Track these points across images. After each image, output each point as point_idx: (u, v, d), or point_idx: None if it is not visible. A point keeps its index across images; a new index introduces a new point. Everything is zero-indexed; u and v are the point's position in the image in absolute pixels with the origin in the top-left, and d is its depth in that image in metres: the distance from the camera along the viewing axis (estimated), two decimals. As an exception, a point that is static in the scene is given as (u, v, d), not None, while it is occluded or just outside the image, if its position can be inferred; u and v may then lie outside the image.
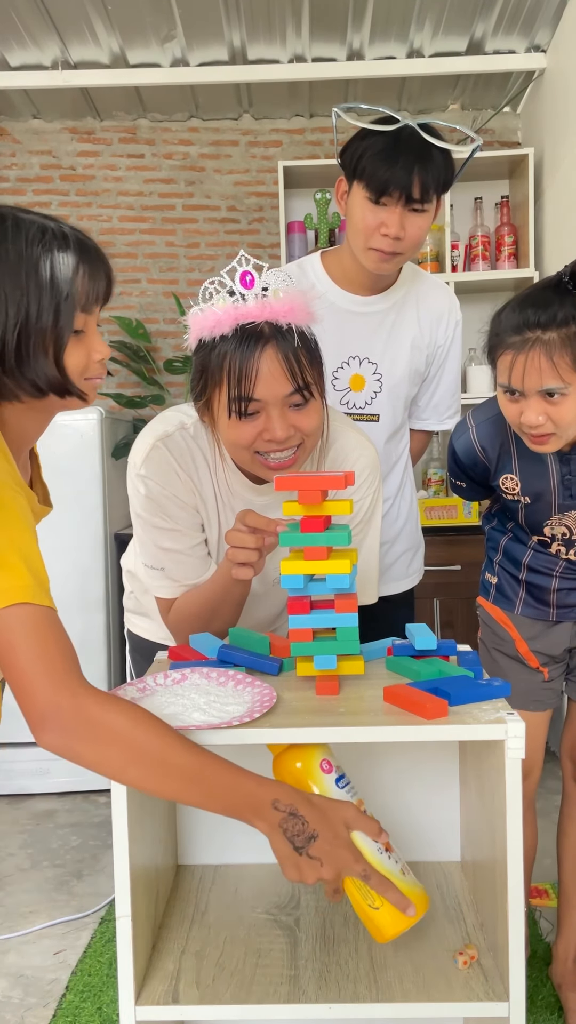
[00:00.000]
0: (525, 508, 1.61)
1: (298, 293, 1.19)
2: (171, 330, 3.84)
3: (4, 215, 1.00)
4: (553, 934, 2.12)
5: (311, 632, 1.08)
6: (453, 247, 3.47)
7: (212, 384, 1.22)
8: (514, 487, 1.59)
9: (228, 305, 1.18)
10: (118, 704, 0.91)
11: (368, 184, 1.58)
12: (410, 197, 1.58)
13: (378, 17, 3.10)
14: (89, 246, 1.04)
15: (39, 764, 3.06)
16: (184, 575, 1.36)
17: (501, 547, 1.76)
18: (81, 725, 0.89)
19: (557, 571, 1.67)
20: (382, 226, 1.61)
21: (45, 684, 0.89)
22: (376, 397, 1.82)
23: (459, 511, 3.23)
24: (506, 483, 1.60)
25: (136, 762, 0.90)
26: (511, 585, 1.74)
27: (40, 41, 3.21)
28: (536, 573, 1.70)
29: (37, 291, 0.98)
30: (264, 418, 1.20)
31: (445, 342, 1.86)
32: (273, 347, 1.17)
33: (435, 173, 1.58)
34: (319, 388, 1.23)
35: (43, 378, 1.00)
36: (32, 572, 0.92)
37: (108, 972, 2.07)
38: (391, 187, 1.56)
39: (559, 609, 1.71)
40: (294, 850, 0.93)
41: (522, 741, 0.96)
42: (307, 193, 3.62)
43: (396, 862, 1.01)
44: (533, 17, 3.14)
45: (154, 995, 1.02)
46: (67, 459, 3.06)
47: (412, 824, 1.30)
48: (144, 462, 1.32)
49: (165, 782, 0.91)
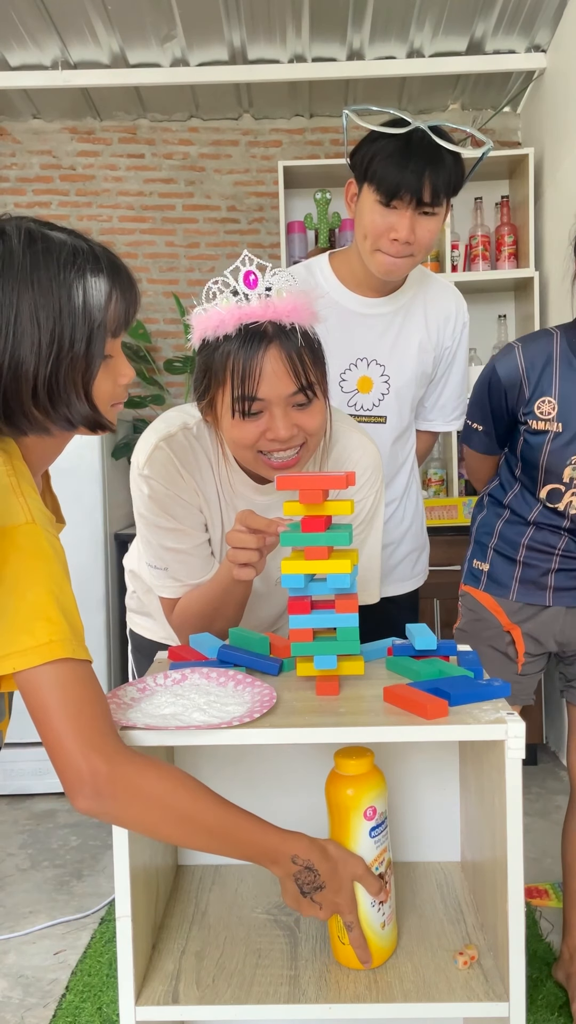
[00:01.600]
0: (552, 442, 1.60)
1: (301, 293, 1.20)
2: (171, 330, 3.84)
3: (33, 235, 0.94)
4: (553, 934, 2.12)
5: (311, 632, 1.08)
6: (453, 247, 3.47)
7: (215, 384, 1.22)
8: (550, 411, 1.59)
9: (232, 305, 1.18)
10: (154, 768, 0.92)
11: (379, 187, 1.58)
12: (420, 200, 1.57)
13: (378, 17, 3.10)
14: (120, 268, 1.00)
15: (39, 764, 3.06)
16: (187, 575, 1.36)
17: (496, 531, 1.75)
18: (119, 791, 0.89)
19: (559, 549, 1.66)
20: (392, 230, 1.60)
21: (80, 748, 0.88)
22: (384, 399, 1.82)
23: (459, 511, 3.23)
24: (541, 407, 1.60)
25: (170, 822, 0.93)
26: (506, 570, 1.73)
27: (40, 41, 3.21)
28: (536, 553, 1.68)
29: (71, 319, 0.93)
30: (267, 417, 1.21)
31: (452, 344, 1.86)
32: (276, 347, 1.17)
33: (445, 176, 1.58)
34: (322, 388, 1.24)
35: (76, 413, 0.97)
36: (70, 624, 0.91)
37: (108, 972, 2.07)
38: (402, 190, 1.56)
39: (556, 592, 1.69)
40: (301, 894, 0.99)
41: (522, 741, 0.96)
42: (307, 193, 3.62)
43: (383, 914, 1.06)
44: (533, 17, 3.14)
45: (154, 995, 1.02)
46: (67, 459, 3.01)
47: (412, 824, 1.30)
48: (147, 462, 1.32)
49: (195, 838, 0.96)
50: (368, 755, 1.06)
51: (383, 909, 1.06)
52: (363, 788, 1.05)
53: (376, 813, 1.05)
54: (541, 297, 3.39)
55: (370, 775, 1.06)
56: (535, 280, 3.36)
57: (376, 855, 1.05)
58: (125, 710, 1.03)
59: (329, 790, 1.07)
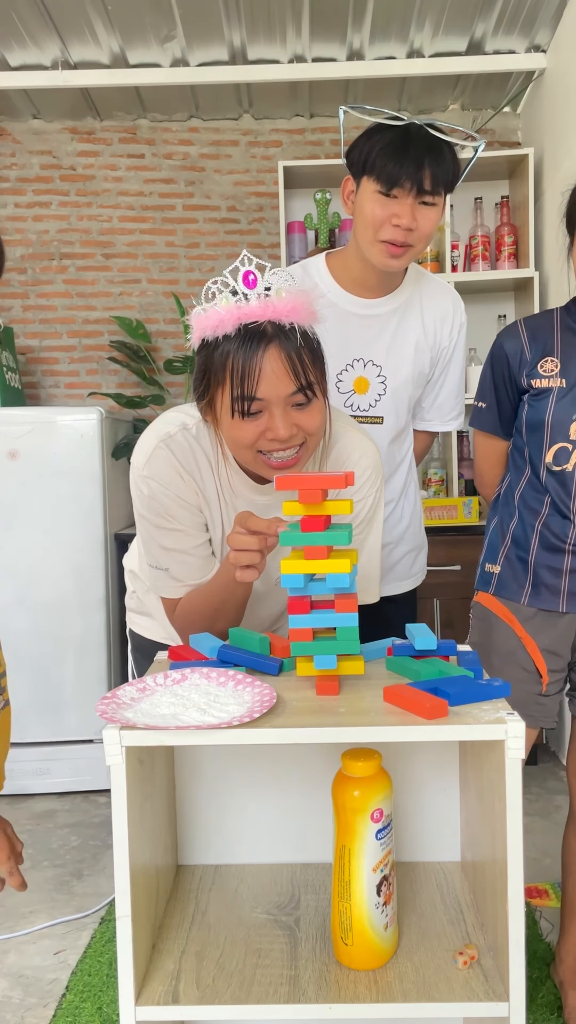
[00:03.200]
0: (556, 402, 1.63)
1: (301, 293, 1.19)
2: (171, 330, 3.84)
3: None
4: (553, 934, 2.12)
5: (311, 632, 1.08)
6: (453, 247, 3.47)
7: (215, 383, 1.22)
8: (553, 368, 1.64)
9: (231, 305, 1.18)
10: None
11: (379, 177, 1.59)
12: (421, 188, 1.59)
13: (378, 17, 3.10)
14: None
15: (39, 764, 3.06)
16: (188, 575, 1.36)
17: (509, 531, 1.73)
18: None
19: (570, 543, 1.64)
20: (393, 217, 1.61)
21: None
22: (380, 400, 1.82)
23: (459, 511, 3.23)
24: (544, 366, 1.65)
25: None
26: (518, 572, 1.70)
27: (40, 41, 3.21)
28: (548, 552, 1.66)
29: None
30: (267, 417, 1.21)
31: (450, 344, 1.86)
32: (276, 346, 1.17)
33: (444, 166, 1.60)
34: (321, 388, 1.24)
35: None
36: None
37: (108, 972, 2.07)
38: (403, 178, 1.58)
39: (570, 597, 1.66)
40: None
41: (522, 741, 0.96)
42: (307, 193, 3.62)
43: (386, 915, 1.06)
44: (533, 17, 3.14)
45: (154, 995, 1.02)
46: (67, 459, 3.06)
47: (412, 824, 1.30)
48: (147, 463, 1.32)
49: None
50: (376, 757, 1.06)
51: (386, 911, 1.06)
52: (370, 790, 1.05)
53: (383, 815, 1.05)
54: (541, 297, 3.39)
55: (377, 777, 1.06)
56: (535, 280, 3.36)
57: (381, 857, 1.05)
58: (125, 710, 1.03)
59: (336, 791, 1.07)
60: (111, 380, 3.85)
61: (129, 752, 0.98)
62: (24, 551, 3.08)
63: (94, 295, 3.83)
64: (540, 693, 1.70)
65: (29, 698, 3.02)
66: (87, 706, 3.06)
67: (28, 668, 3.03)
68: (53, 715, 3.06)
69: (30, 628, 3.06)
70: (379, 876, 1.05)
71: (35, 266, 3.81)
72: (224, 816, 1.30)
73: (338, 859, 1.07)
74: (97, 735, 3.07)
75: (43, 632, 3.07)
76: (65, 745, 3.09)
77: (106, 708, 1.01)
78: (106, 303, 3.83)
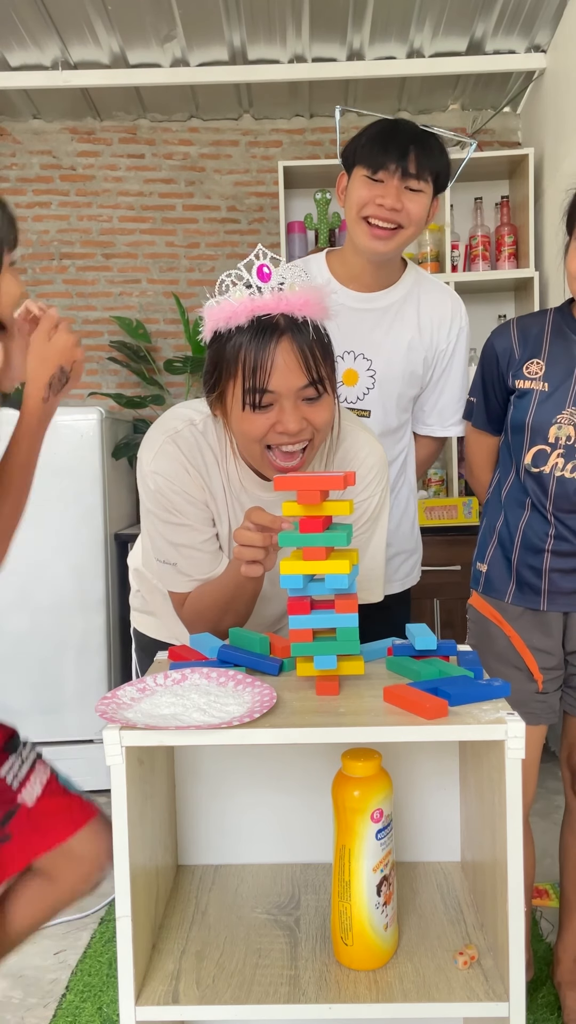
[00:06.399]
0: (538, 404, 1.64)
1: (313, 288, 1.20)
2: (171, 330, 3.84)
3: None
4: (553, 935, 2.12)
5: (311, 632, 1.08)
6: (453, 247, 3.47)
7: (226, 376, 1.22)
8: (537, 371, 1.66)
9: (244, 297, 1.18)
10: None
11: (366, 163, 1.66)
12: (406, 172, 1.64)
13: (378, 17, 3.10)
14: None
15: (39, 764, 3.06)
16: (196, 570, 1.37)
17: (496, 530, 1.75)
18: None
19: (548, 544, 1.65)
20: (378, 197, 1.66)
21: None
22: (368, 393, 1.82)
23: (459, 511, 3.23)
24: (530, 368, 1.66)
25: None
26: (503, 571, 1.72)
27: (40, 41, 3.21)
28: (529, 552, 1.67)
29: None
30: (277, 410, 1.21)
31: (447, 347, 1.85)
32: (288, 339, 1.18)
33: (430, 154, 1.66)
34: (331, 383, 1.24)
35: None
36: None
37: (108, 972, 2.07)
38: (388, 162, 1.63)
39: (550, 595, 1.67)
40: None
41: (522, 741, 0.96)
42: (307, 193, 3.62)
43: (386, 916, 1.06)
44: (533, 17, 3.14)
45: (154, 995, 1.02)
46: (67, 459, 3.06)
47: (412, 824, 1.30)
48: (154, 459, 1.33)
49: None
50: (376, 757, 1.06)
51: (386, 911, 1.06)
52: (370, 790, 1.05)
53: (383, 815, 1.05)
54: (541, 297, 3.39)
55: (377, 777, 1.06)
56: (535, 280, 3.36)
57: (381, 858, 1.05)
58: (125, 710, 1.03)
59: (336, 791, 1.07)
60: (111, 380, 3.85)
61: (129, 752, 0.98)
62: (24, 551, 3.07)
63: (94, 295, 3.83)
64: (538, 691, 1.71)
65: (29, 698, 3.02)
66: (87, 706, 3.06)
67: (28, 668, 3.03)
68: (53, 715, 3.06)
69: (30, 628, 3.05)
70: (379, 876, 1.05)
71: (35, 266, 3.81)
72: (224, 816, 1.30)
73: (338, 859, 1.07)
74: (97, 735, 3.07)
75: (43, 632, 3.07)
76: (65, 745, 3.08)
77: (106, 708, 1.02)
78: (106, 303, 3.83)
